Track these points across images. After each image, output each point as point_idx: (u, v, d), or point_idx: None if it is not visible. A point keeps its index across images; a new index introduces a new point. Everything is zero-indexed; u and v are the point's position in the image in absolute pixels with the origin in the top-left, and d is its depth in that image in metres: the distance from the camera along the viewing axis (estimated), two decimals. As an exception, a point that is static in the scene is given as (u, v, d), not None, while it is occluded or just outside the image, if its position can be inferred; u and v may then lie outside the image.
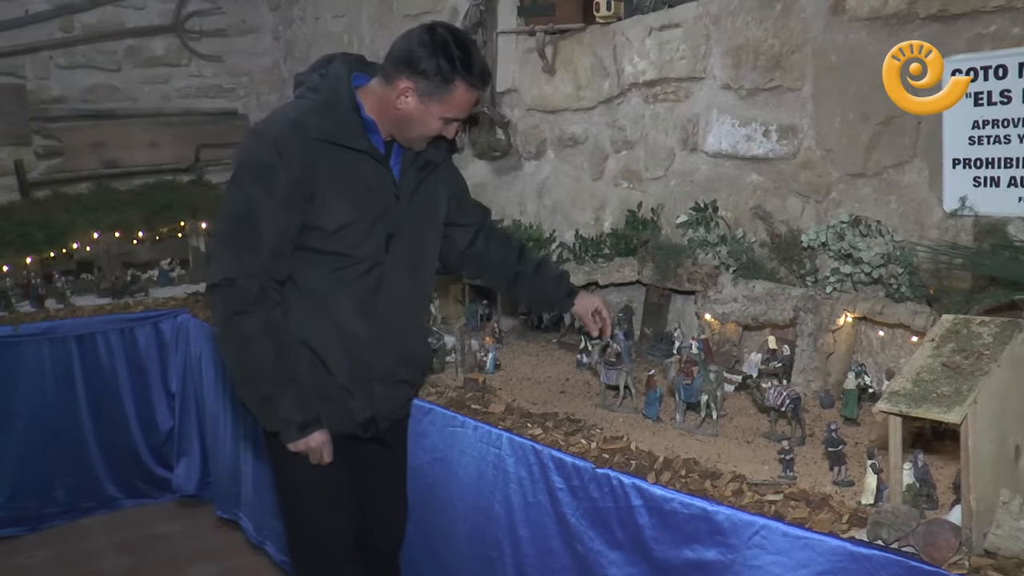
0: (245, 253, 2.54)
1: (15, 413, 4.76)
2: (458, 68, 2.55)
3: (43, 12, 5.88)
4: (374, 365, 2.76)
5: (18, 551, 4.65)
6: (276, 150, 2.53)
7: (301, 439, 2.61)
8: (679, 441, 2.71)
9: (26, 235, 5.35)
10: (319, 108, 2.60)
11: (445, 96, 2.58)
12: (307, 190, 2.56)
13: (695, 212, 3.61)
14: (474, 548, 3.04)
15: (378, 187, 2.68)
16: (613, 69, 4.00)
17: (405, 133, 2.68)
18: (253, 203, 2.54)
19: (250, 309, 2.54)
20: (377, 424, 2.84)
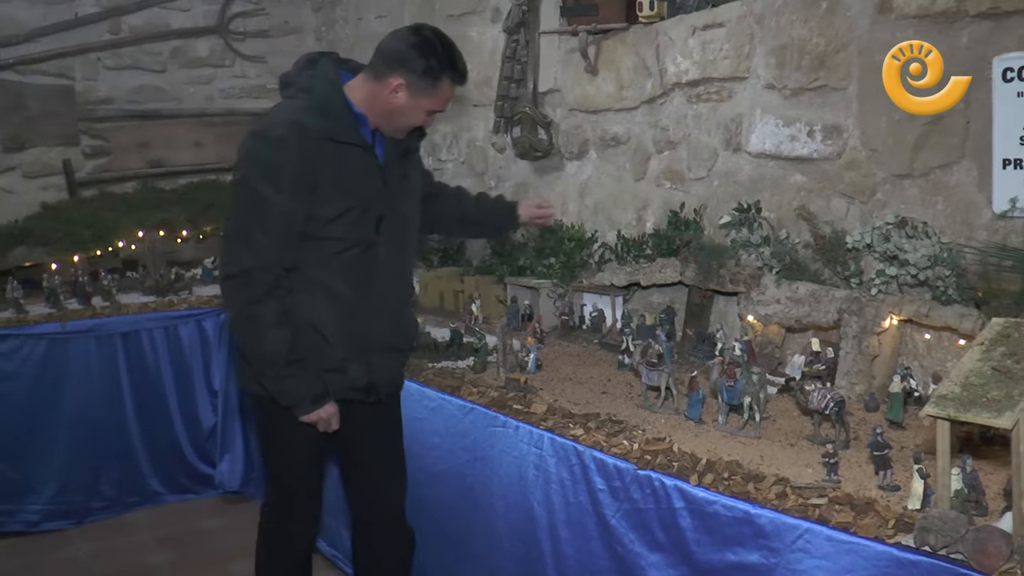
0: (258, 246, 2.75)
1: (62, 408, 4.82)
2: (445, 67, 2.84)
3: (92, 14, 5.95)
4: (371, 336, 2.96)
5: (65, 544, 4.71)
6: (280, 149, 2.74)
7: (314, 411, 2.86)
8: (721, 443, 2.69)
9: (73, 234, 5.41)
10: (316, 108, 2.81)
11: (433, 91, 2.85)
12: (309, 183, 2.77)
13: (738, 213, 3.59)
14: (514, 548, 3.04)
15: (369, 175, 2.91)
16: (656, 69, 3.99)
17: (393, 123, 2.91)
18: (262, 199, 2.74)
19: (265, 298, 2.76)
20: (377, 390, 3.02)
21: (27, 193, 5.83)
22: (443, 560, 3.44)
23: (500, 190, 4.95)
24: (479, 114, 5.07)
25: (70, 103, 5.94)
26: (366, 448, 3.17)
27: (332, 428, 2.93)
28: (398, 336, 3.09)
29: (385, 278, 2.97)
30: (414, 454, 3.51)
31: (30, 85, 5.77)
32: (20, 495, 4.78)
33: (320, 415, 2.88)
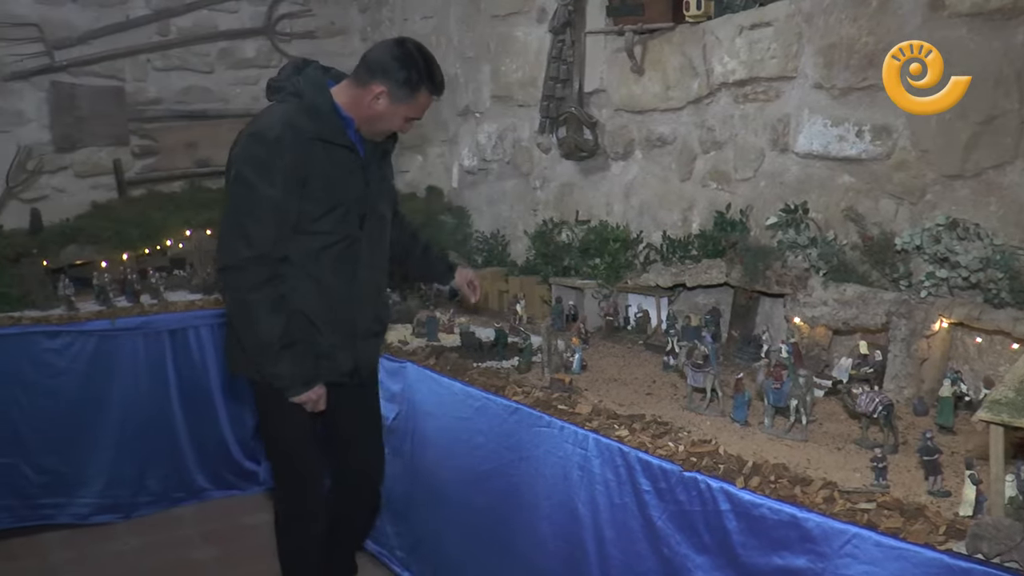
0: (253, 239, 2.97)
1: (111, 404, 4.89)
2: (424, 79, 3.08)
3: (142, 17, 6.02)
4: (356, 323, 3.23)
5: (113, 537, 4.79)
6: (275, 149, 2.96)
7: (304, 392, 3.10)
8: (768, 446, 2.67)
9: (123, 232, 5.48)
10: (306, 110, 3.04)
11: (411, 100, 3.10)
12: (300, 180, 2.99)
13: (785, 214, 3.56)
14: (558, 548, 3.04)
15: (353, 175, 3.14)
16: (702, 69, 3.96)
17: (373, 127, 3.16)
18: (257, 195, 2.96)
19: (261, 287, 2.99)
20: (360, 373, 3.30)
21: (78, 192, 5.92)
22: (487, 559, 3.45)
23: (545, 190, 4.96)
24: (524, 114, 5.07)
25: (120, 104, 6.03)
26: (349, 425, 3.45)
27: (320, 408, 3.17)
28: (378, 322, 3.39)
29: (367, 270, 3.23)
30: (459, 453, 3.54)
31: (82, 86, 5.86)
32: (70, 488, 4.87)
33: (310, 396, 3.12)
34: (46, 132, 5.80)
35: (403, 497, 4.02)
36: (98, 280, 5.05)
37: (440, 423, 3.66)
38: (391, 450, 4.04)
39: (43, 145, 5.79)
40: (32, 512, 4.81)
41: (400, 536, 4.12)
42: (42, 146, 5.79)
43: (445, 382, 3.60)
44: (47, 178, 5.84)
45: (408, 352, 3.93)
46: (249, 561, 4.41)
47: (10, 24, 5.61)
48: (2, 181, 5.63)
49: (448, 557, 3.73)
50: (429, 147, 6.07)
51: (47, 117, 5.80)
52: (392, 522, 4.17)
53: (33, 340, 4.71)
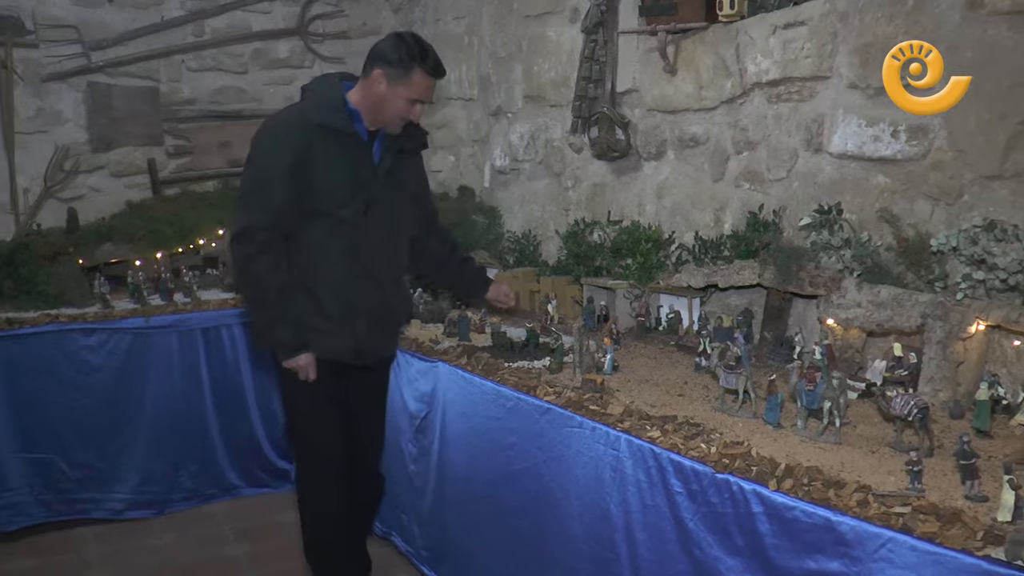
0: (257, 211, 3.27)
1: (145, 401, 4.95)
2: (416, 57, 3.29)
3: (177, 18, 6.08)
4: (357, 304, 3.42)
5: (147, 533, 4.84)
6: (285, 134, 3.29)
7: (292, 358, 3.36)
8: (800, 448, 2.65)
9: (157, 231, 5.53)
10: (316, 104, 3.35)
11: (407, 80, 3.29)
12: (305, 163, 3.27)
13: (818, 214, 3.54)
14: (590, 549, 3.04)
15: (358, 163, 3.37)
16: (735, 68, 3.95)
17: (382, 115, 3.37)
18: (265, 174, 3.29)
19: (259, 254, 3.28)
20: (363, 355, 3.48)
21: (114, 191, 5.99)
22: (517, 559, 3.45)
23: (577, 191, 4.95)
24: (556, 114, 5.06)
25: (155, 104, 6.09)
26: (354, 404, 3.65)
27: (311, 377, 3.39)
28: (384, 306, 3.53)
29: (372, 255, 3.43)
30: (490, 453, 3.54)
31: (118, 87, 5.93)
32: (105, 484, 4.93)
33: (299, 363, 3.36)
34: (83, 132, 5.88)
35: (431, 496, 4.04)
36: (132, 278, 5.10)
37: (471, 423, 3.66)
38: (419, 449, 4.06)
39: (80, 145, 5.87)
40: (68, 507, 4.88)
41: (427, 536, 4.14)
42: (79, 146, 5.86)
43: (477, 382, 3.60)
44: (83, 177, 5.91)
45: (440, 352, 3.93)
46: (281, 558, 4.44)
47: (49, 26, 5.68)
48: (40, 180, 5.70)
49: (477, 557, 3.74)
50: (461, 147, 6.08)
51: (84, 117, 5.87)
52: (418, 522, 4.19)
53: (69, 337, 4.77)
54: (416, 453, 4.09)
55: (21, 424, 4.70)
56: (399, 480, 4.29)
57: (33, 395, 4.71)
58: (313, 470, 3.59)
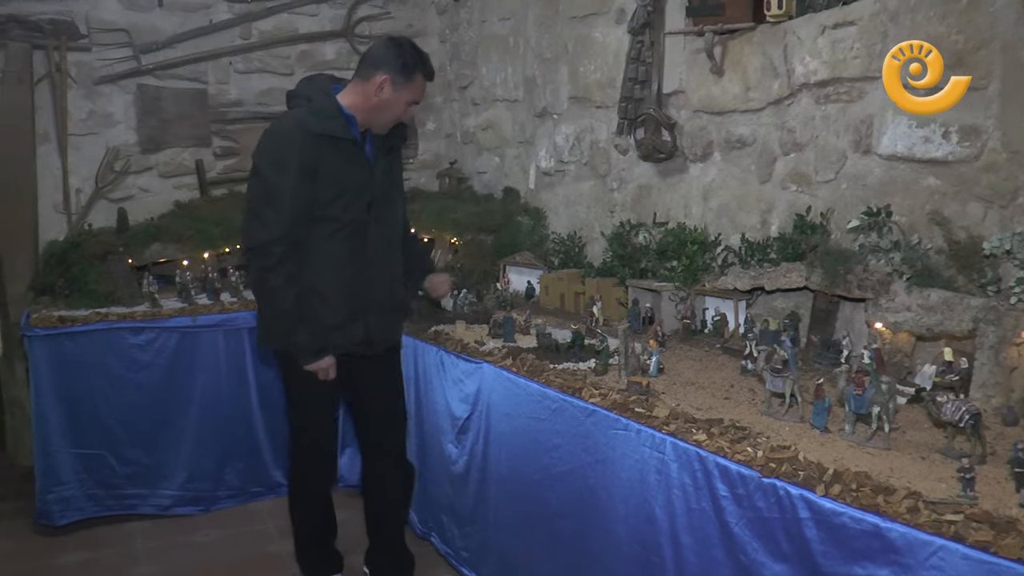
0: (271, 224, 3.42)
1: (192, 399, 5.02)
2: (418, 64, 3.55)
3: (225, 21, 6.14)
4: (368, 298, 3.67)
5: (194, 529, 4.91)
6: (288, 146, 3.43)
7: (315, 362, 3.58)
8: (848, 453, 2.62)
9: (204, 231, 5.60)
10: (314, 112, 3.48)
11: (410, 84, 3.55)
12: (310, 171, 3.44)
13: (867, 217, 3.49)
14: (634, 552, 3.03)
15: (358, 167, 3.58)
16: (783, 69, 3.91)
17: (380, 118, 3.59)
18: (274, 186, 3.43)
19: (276, 266, 3.45)
20: (374, 344, 3.73)
21: (162, 192, 6.07)
22: (562, 561, 3.45)
23: (623, 192, 4.94)
24: (602, 116, 5.05)
25: (203, 106, 6.16)
26: (369, 395, 3.93)
27: (331, 377, 3.63)
28: (390, 298, 3.80)
29: (377, 251, 3.68)
30: (534, 454, 3.54)
31: (167, 89, 6.00)
32: (153, 480, 5.02)
33: (320, 365, 3.59)
34: (133, 134, 5.96)
35: (473, 497, 4.05)
36: (180, 278, 5.18)
37: (515, 424, 3.66)
38: (461, 450, 4.07)
39: (130, 146, 5.95)
40: (117, 502, 4.97)
41: (467, 537, 4.15)
42: (129, 147, 5.95)
43: (521, 383, 3.60)
44: (133, 178, 5.99)
45: (484, 353, 3.93)
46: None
47: (101, 30, 5.77)
48: (92, 181, 5.80)
49: (518, 559, 3.74)
50: (506, 148, 6.09)
51: (134, 119, 5.95)
52: (458, 523, 4.20)
53: (119, 335, 4.85)
54: (458, 454, 4.10)
55: (73, 420, 4.80)
56: (440, 481, 4.31)
57: (84, 392, 4.81)
58: (306, 448, 3.92)
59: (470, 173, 6.50)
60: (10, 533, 4.88)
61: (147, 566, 4.51)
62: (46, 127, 5.70)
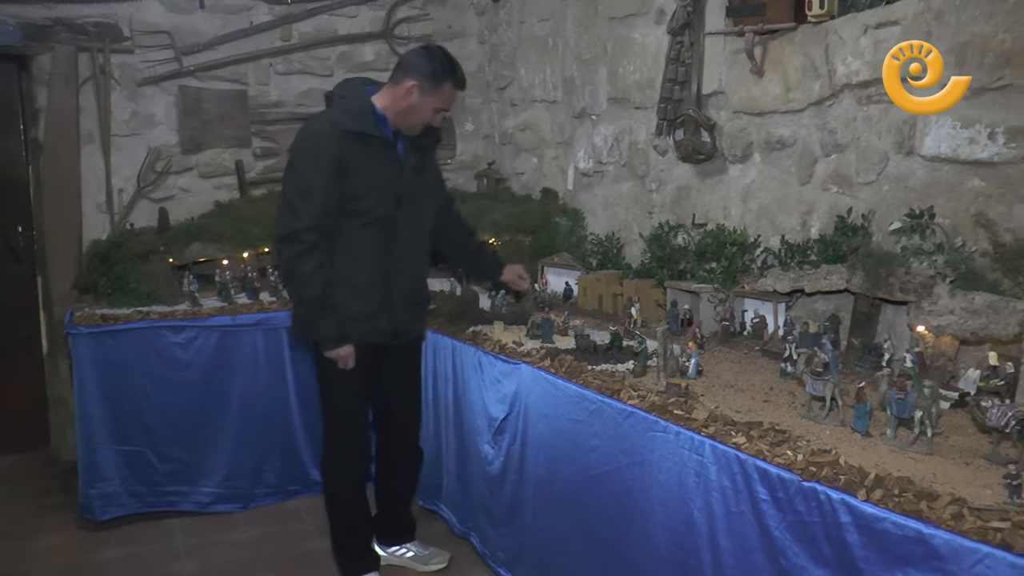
0: (303, 214, 3.61)
1: (231, 397, 5.07)
2: (448, 72, 3.73)
3: (265, 23, 6.19)
4: (394, 291, 3.87)
5: (232, 526, 4.96)
6: (321, 142, 3.64)
7: (334, 349, 3.76)
8: (890, 458, 2.59)
9: (244, 231, 5.63)
10: (348, 111, 3.71)
11: (438, 91, 3.72)
12: (341, 166, 3.63)
13: (910, 219, 3.45)
14: (672, 555, 3.01)
15: (388, 163, 3.77)
16: (824, 70, 3.88)
17: (408, 121, 3.77)
18: (307, 179, 3.63)
19: (306, 254, 3.63)
20: (399, 335, 3.95)
21: (202, 192, 6.13)
22: (599, 564, 3.44)
23: (661, 193, 4.92)
24: (641, 116, 5.04)
25: (243, 107, 6.21)
26: (392, 383, 4.15)
27: (349, 366, 3.80)
28: (416, 292, 4.04)
29: (404, 245, 3.87)
30: (572, 456, 3.53)
31: (208, 90, 6.06)
32: (193, 478, 5.07)
33: (339, 353, 3.76)
34: (174, 135, 6.02)
35: (509, 498, 4.05)
36: (220, 277, 5.22)
37: (553, 425, 3.66)
38: (498, 451, 4.07)
39: (171, 147, 6.02)
40: (158, 499, 5.03)
41: (503, 537, 4.15)
42: (170, 148, 6.01)
43: (560, 384, 3.60)
44: (174, 178, 6.06)
45: (522, 353, 3.93)
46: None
47: (144, 32, 5.84)
48: (134, 181, 5.87)
49: (555, 560, 3.73)
50: (545, 149, 6.09)
51: (175, 120, 6.02)
52: (495, 523, 4.20)
53: (160, 334, 4.90)
54: (495, 454, 4.10)
55: (115, 417, 4.86)
56: (476, 481, 4.31)
57: (126, 389, 4.87)
58: (341, 441, 4.03)
59: (508, 174, 6.51)
60: (55, 527, 4.96)
61: (187, 562, 4.55)
62: (90, 128, 5.78)
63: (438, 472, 4.73)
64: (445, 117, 3.93)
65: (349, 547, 4.20)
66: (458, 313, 4.57)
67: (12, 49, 5.54)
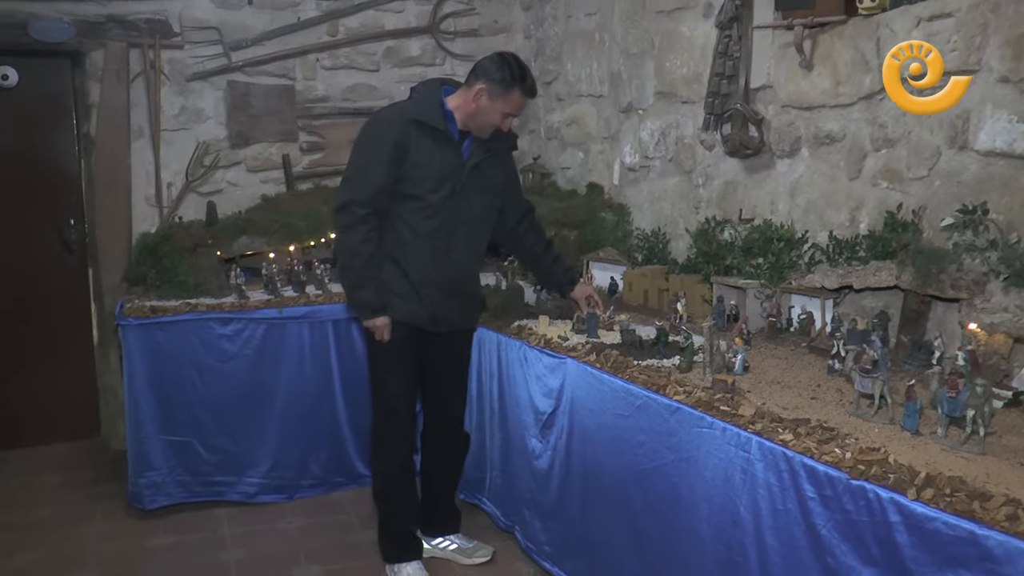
0: (358, 189, 3.86)
1: (278, 390, 5.11)
2: (517, 79, 3.85)
3: (312, 18, 6.24)
4: (435, 279, 3.99)
5: (278, 516, 5.01)
6: (386, 126, 3.87)
7: (371, 319, 3.93)
8: (941, 457, 2.55)
9: (290, 225, 5.67)
10: (416, 103, 3.94)
11: (506, 97, 3.86)
12: (402, 150, 3.83)
13: (962, 214, 3.40)
14: (718, 551, 3.00)
15: (448, 156, 3.92)
16: (875, 63, 3.82)
17: (476, 122, 3.92)
18: (367, 159, 3.86)
19: (356, 226, 3.85)
20: (438, 322, 4.04)
21: (250, 186, 6.19)
22: (645, 559, 3.43)
23: (708, 188, 4.89)
24: (688, 111, 5.01)
25: (290, 101, 6.26)
26: (433, 371, 4.23)
27: (385, 338, 3.95)
28: (458, 284, 4.10)
29: (452, 237, 3.98)
30: (618, 451, 3.52)
31: (256, 85, 6.12)
32: (239, 468, 5.13)
33: (376, 323, 3.93)
34: (222, 129, 6.09)
35: (555, 492, 4.04)
36: (267, 270, 5.26)
37: (600, 419, 3.65)
38: (544, 445, 4.07)
39: (219, 141, 6.09)
40: (204, 488, 5.09)
41: (549, 532, 4.15)
42: (218, 142, 6.08)
43: (605, 379, 3.59)
44: (222, 172, 6.13)
45: (568, 348, 3.93)
46: (406, 548, 4.53)
47: (193, 28, 5.91)
48: (183, 175, 5.94)
49: (601, 554, 3.73)
50: (591, 144, 6.07)
51: (223, 115, 6.09)
52: (541, 517, 4.20)
53: (208, 326, 4.95)
54: (542, 448, 4.10)
55: (163, 408, 4.92)
56: (522, 475, 4.32)
57: (174, 380, 4.93)
58: (386, 422, 4.15)
59: (554, 169, 6.50)
60: (105, 515, 5.04)
61: (234, 551, 4.61)
62: (140, 123, 5.86)
63: (482, 466, 4.74)
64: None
65: (389, 532, 4.31)
66: (503, 307, 4.58)
67: (66, 46, 5.64)
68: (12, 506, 5.21)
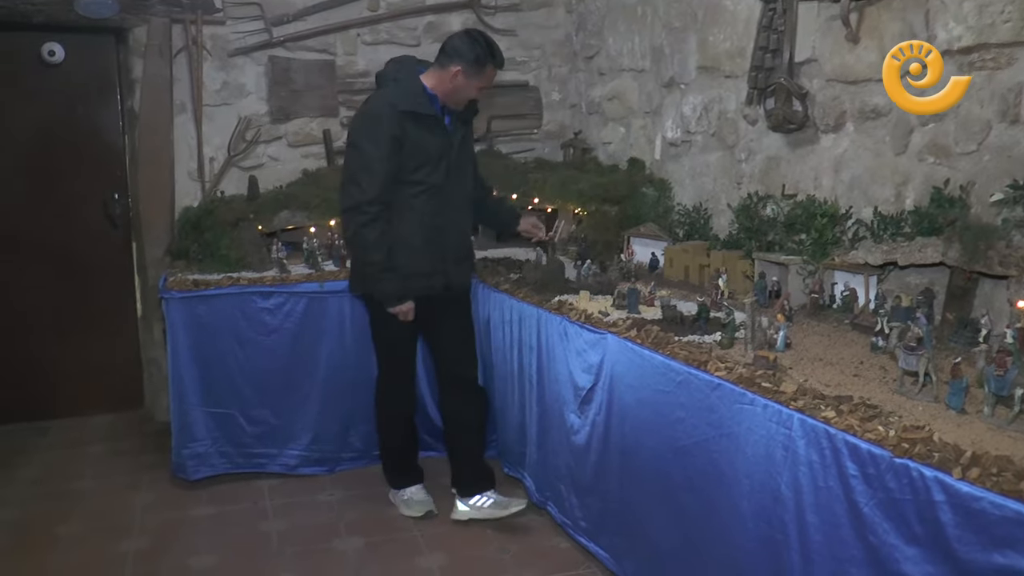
0: (367, 187, 4.07)
1: (318, 363, 5.15)
2: (488, 57, 4.18)
3: (353, -7, 6.27)
4: (447, 250, 4.34)
5: (319, 488, 5.07)
6: (378, 121, 4.10)
7: (397, 306, 4.26)
8: (987, 436, 2.51)
9: (330, 200, 5.66)
10: (403, 92, 4.16)
11: (481, 74, 4.20)
12: (398, 142, 4.09)
13: (1013, 190, 3.34)
14: (758, 528, 2.98)
15: (440, 138, 4.22)
16: (924, 36, 3.75)
17: (455, 98, 4.25)
18: (369, 155, 4.09)
19: (370, 224, 4.10)
20: (452, 287, 4.42)
21: (290, 161, 6.21)
22: (684, 535, 3.43)
23: (751, 163, 4.84)
24: (731, 85, 4.95)
25: (331, 77, 6.26)
26: (445, 331, 4.57)
27: (410, 319, 4.30)
28: (464, 248, 4.51)
29: (453, 210, 4.34)
30: (658, 426, 3.52)
31: (297, 60, 6.13)
32: (281, 440, 5.19)
33: (401, 309, 4.26)
34: (264, 104, 6.11)
35: (593, 468, 4.05)
36: (307, 244, 5.30)
37: (640, 395, 3.64)
38: (583, 420, 4.07)
39: (260, 116, 6.10)
40: (246, 460, 5.17)
41: (586, 507, 4.16)
42: (260, 117, 6.10)
43: (646, 354, 3.57)
44: (263, 147, 6.15)
45: (609, 324, 3.92)
46: (443, 522, 4.56)
47: (235, 4, 5.92)
48: (224, 150, 5.98)
49: (639, 530, 3.73)
50: (632, 119, 6.03)
51: (265, 90, 6.10)
52: (577, 492, 4.20)
53: (249, 299, 5.01)
54: (580, 424, 4.10)
55: (206, 380, 4.99)
56: (560, 451, 4.32)
57: (216, 353, 4.99)
58: (389, 374, 4.64)
59: (595, 144, 6.46)
60: (150, 485, 5.14)
61: (276, 522, 4.67)
62: (183, 98, 5.89)
63: (523, 440, 4.75)
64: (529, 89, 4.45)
65: (392, 461, 4.84)
66: (543, 282, 4.58)
67: (110, 22, 5.67)
68: (57, 475, 5.31)
